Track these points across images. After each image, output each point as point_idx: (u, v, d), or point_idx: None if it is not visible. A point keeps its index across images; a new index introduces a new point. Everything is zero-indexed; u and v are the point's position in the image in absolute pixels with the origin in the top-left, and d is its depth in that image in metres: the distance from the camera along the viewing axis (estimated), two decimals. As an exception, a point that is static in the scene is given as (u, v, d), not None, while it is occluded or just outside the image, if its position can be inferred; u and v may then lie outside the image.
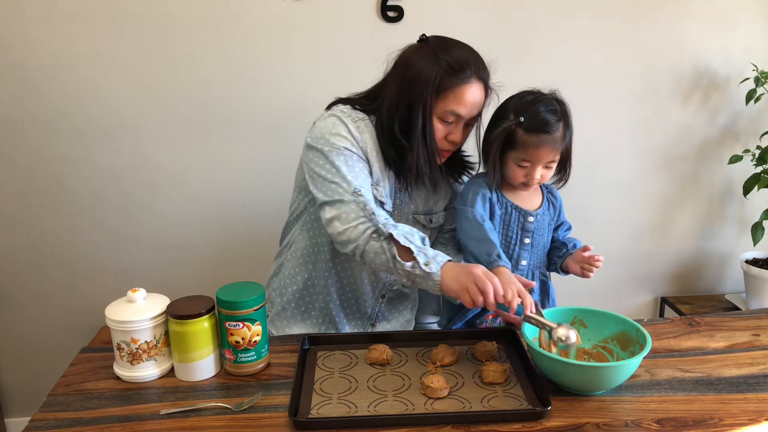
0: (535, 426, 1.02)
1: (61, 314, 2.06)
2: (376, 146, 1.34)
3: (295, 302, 1.47)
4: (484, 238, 1.33)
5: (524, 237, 1.42)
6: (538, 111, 1.30)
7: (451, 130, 1.32)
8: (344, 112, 1.35)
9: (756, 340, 1.31)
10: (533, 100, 1.32)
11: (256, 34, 1.85)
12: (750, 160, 2.02)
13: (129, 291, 1.16)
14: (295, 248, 1.46)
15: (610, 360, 1.19)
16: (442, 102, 1.27)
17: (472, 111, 1.31)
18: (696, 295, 2.27)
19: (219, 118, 1.92)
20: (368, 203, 1.24)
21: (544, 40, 1.94)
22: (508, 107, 1.34)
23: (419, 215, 1.45)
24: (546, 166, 1.34)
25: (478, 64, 1.29)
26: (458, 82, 1.26)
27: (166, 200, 1.98)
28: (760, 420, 1.03)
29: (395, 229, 1.20)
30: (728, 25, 1.98)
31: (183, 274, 2.05)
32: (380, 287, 1.47)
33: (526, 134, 1.30)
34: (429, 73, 1.25)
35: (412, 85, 1.27)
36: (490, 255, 1.29)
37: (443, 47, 1.28)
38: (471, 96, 1.28)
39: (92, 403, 1.10)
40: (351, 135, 1.31)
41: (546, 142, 1.30)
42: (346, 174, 1.27)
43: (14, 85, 1.84)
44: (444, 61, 1.25)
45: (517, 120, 1.30)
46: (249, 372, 1.18)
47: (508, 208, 1.41)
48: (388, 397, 1.10)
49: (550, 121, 1.29)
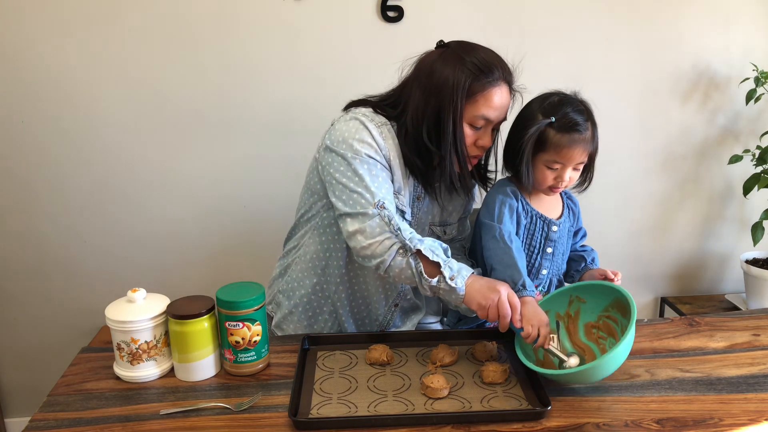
0: (535, 426, 1.02)
1: (61, 314, 2.06)
2: (399, 153, 1.30)
3: (303, 306, 1.44)
4: (511, 263, 1.26)
5: (547, 246, 1.38)
6: (567, 111, 1.27)
7: (480, 135, 1.29)
8: (367, 116, 1.30)
9: (756, 340, 1.31)
10: (560, 101, 1.29)
11: (256, 34, 1.85)
12: (750, 160, 2.02)
13: (129, 291, 1.16)
14: (304, 251, 1.43)
15: (617, 329, 1.19)
16: (472, 106, 1.24)
17: (501, 114, 1.28)
18: (696, 295, 2.27)
19: (219, 118, 1.92)
20: (393, 217, 1.21)
21: (544, 39, 1.94)
22: (534, 109, 1.30)
23: (435, 226, 1.43)
24: (575, 167, 1.31)
25: (504, 67, 1.27)
26: (487, 85, 1.23)
27: (167, 200, 1.98)
28: (760, 420, 1.03)
29: (422, 244, 1.19)
30: (728, 25, 1.98)
31: (183, 274, 2.05)
32: (394, 296, 1.44)
33: (558, 134, 1.27)
34: (458, 78, 1.22)
35: (440, 91, 1.24)
36: (516, 284, 1.22)
37: (468, 50, 1.25)
38: (500, 99, 1.25)
39: (92, 403, 1.10)
40: (375, 141, 1.27)
41: (578, 142, 1.27)
42: (370, 184, 1.23)
43: (14, 85, 1.84)
44: (471, 64, 1.23)
45: (549, 120, 1.27)
46: (249, 372, 1.18)
47: (534, 218, 1.36)
48: (388, 397, 1.10)
49: (580, 121, 1.27)
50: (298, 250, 1.46)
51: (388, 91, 1.37)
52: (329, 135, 1.31)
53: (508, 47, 1.91)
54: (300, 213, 1.45)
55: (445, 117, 1.24)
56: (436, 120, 1.25)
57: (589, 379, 1.12)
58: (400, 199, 1.31)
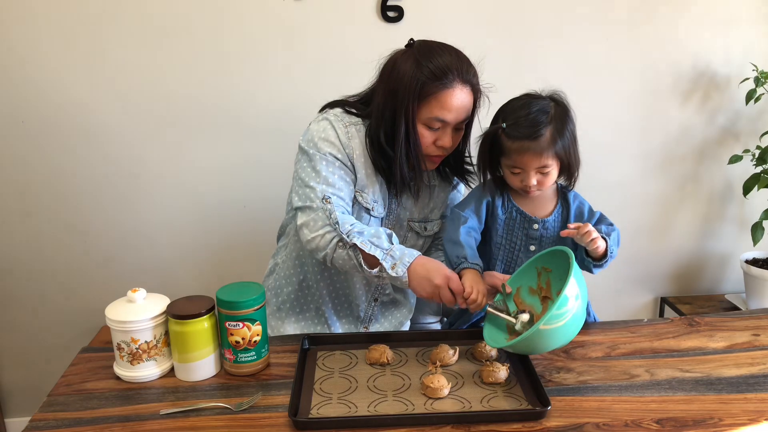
0: (535, 426, 1.02)
1: (61, 314, 2.06)
2: (365, 152, 1.34)
3: (290, 303, 1.47)
4: (456, 240, 1.30)
5: (529, 244, 1.36)
6: (521, 116, 1.25)
7: (439, 136, 1.30)
8: (337, 116, 1.35)
9: (756, 340, 1.31)
10: (522, 105, 1.27)
11: (256, 34, 1.85)
12: (750, 160, 2.02)
13: (129, 291, 1.16)
14: (290, 249, 1.47)
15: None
16: (425, 108, 1.26)
17: (459, 116, 1.28)
18: (696, 295, 2.27)
19: (219, 119, 1.92)
20: (334, 211, 1.25)
21: (544, 40, 1.94)
22: (498, 111, 1.31)
23: (414, 222, 1.45)
24: (540, 171, 1.28)
25: (462, 68, 1.26)
26: (441, 87, 1.24)
27: (167, 200, 1.99)
28: (760, 420, 1.03)
29: (359, 237, 1.22)
30: (728, 25, 1.98)
31: (183, 274, 2.05)
32: (373, 290, 1.47)
33: (508, 140, 1.26)
34: (410, 80, 1.24)
35: (395, 93, 1.27)
36: (459, 257, 1.27)
37: (426, 53, 1.26)
38: (455, 101, 1.26)
39: (92, 403, 1.10)
40: (339, 140, 1.31)
41: (529, 149, 1.24)
42: (322, 180, 1.29)
43: (14, 86, 1.84)
44: (425, 68, 1.24)
45: (499, 126, 1.26)
46: (249, 372, 1.18)
47: (513, 213, 1.36)
48: (388, 397, 1.10)
49: (533, 127, 1.23)
50: (286, 248, 1.49)
51: (367, 89, 1.40)
52: (302, 135, 1.37)
53: (507, 47, 1.93)
54: (287, 210, 1.50)
55: (398, 118, 1.26)
56: (392, 120, 1.28)
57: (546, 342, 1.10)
58: (364, 196, 1.34)
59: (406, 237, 1.45)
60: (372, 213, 1.36)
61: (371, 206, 1.36)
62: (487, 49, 2.02)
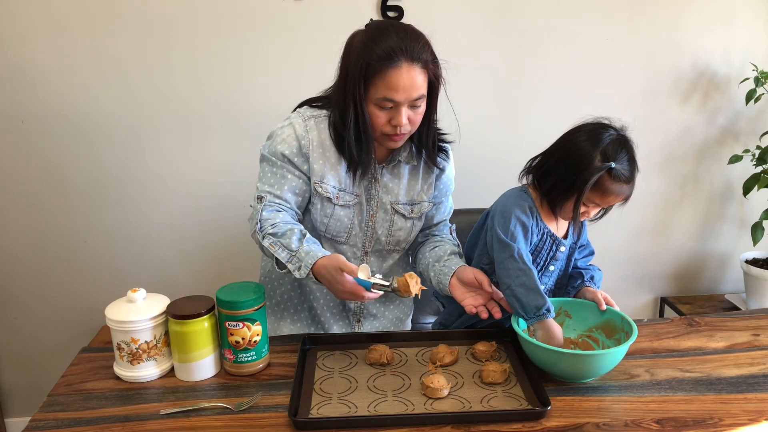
0: (535, 426, 1.02)
1: (61, 314, 2.06)
2: (327, 142, 1.33)
3: (284, 303, 1.47)
4: (533, 286, 1.21)
5: (551, 264, 1.35)
6: (625, 157, 1.23)
7: (392, 115, 1.27)
8: (300, 113, 1.37)
9: (756, 340, 1.31)
10: (620, 143, 1.23)
11: (255, 34, 1.85)
12: (750, 160, 2.02)
13: (129, 291, 1.16)
14: None
15: (596, 348, 1.23)
16: (373, 89, 1.24)
17: (410, 94, 1.24)
18: (696, 295, 2.27)
19: (219, 118, 1.92)
20: (262, 210, 1.29)
21: (544, 39, 1.94)
22: (587, 147, 1.23)
23: (398, 205, 1.41)
24: (606, 206, 1.29)
25: (408, 47, 1.22)
26: (386, 66, 1.21)
27: (167, 200, 1.99)
28: (760, 420, 1.03)
29: (270, 239, 1.26)
30: (728, 25, 1.98)
31: (183, 274, 2.05)
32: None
33: (612, 182, 1.22)
34: (356, 61, 1.23)
35: (346, 75, 1.26)
36: (540, 309, 1.19)
37: (373, 33, 1.24)
38: (402, 80, 1.22)
39: (92, 403, 1.10)
40: (295, 135, 1.33)
41: (626, 191, 1.25)
42: (265, 181, 1.34)
43: (14, 86, 1.84)
44: (371, 49, 1.22)
45: (609, 165, 1.21)
46: (249, 372, 1.18)
47: (545, 236, 1.33)
48: (388, 397, 1.10)
49: (633, 172, 1.24)
50: None
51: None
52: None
53: (507, 47, 1.93)
54: None
55: (348, 99, 1.27)
56: (344, 102, 1.28)
57: (593, 369, 1.13)
58: (323, 186, 1.34)
59: (392, 220, 1.41)
60: (336, 202, 1.35)
61: (333, 195, 1.34)
62: (487, 49, 2.02)
